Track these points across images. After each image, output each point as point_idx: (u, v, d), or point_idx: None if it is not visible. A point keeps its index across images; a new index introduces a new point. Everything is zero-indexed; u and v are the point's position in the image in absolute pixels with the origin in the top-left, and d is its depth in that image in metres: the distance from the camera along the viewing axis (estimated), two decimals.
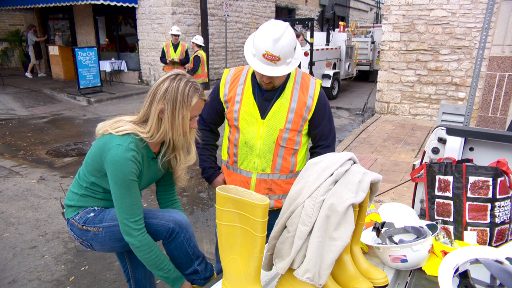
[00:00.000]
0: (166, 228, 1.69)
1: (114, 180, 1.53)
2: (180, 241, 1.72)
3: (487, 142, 1.68)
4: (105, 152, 1.53)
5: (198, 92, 1.58)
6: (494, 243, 1.55)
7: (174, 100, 1.53)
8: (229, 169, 1.99)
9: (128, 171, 1.51)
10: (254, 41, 1.67)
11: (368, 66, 14.79)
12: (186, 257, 1.77)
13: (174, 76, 1.57)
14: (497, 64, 4.60)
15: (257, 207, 1.12)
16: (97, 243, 1.73)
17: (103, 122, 1.65)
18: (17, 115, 8.84)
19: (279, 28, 1.61)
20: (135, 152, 1.53)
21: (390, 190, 4.31)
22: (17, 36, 14.30)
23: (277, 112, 1.80)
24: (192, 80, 1.59)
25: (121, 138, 1.53)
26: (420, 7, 7.88)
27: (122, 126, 1.56)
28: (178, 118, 1.55)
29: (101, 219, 1.70)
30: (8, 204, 4.25)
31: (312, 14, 18.76)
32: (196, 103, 1.57)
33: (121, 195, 1.53)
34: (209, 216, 4.06)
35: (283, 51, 1.62)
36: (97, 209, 1.72)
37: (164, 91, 1.53)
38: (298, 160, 1.91)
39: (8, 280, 2.94)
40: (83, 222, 1.70)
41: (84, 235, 1.72)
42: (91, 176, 1.66)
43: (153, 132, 1.56)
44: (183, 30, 11.33)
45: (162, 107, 1.54)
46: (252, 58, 1.69)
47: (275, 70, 1.66)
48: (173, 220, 1.70)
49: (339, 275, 1.26)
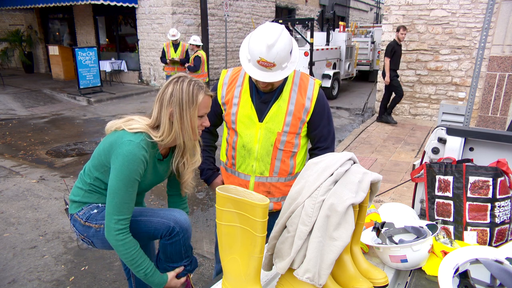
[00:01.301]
0: (167, 227, 1.69)
1: (116, 173, 1.52)
2: (177, 240, 1.72)
3: (487, 142, 1.68)
4: (115, 146, 1.53)
5: (203, 89, 1.58)
6: (494, 243, 1.55)
7: (181, 102, 1.54)
8: (227, 171, 1.99)
9: (134, 168, 1.52)
10: (249, 46, 1.64)
11: (368, 66, 14.79)
12: (178, 255, 1.78)
13: (177, 79, 1.58)
14: (497, 64, 4.60)
15: (257, 207, 1.12)
16: (98, 240, 1.73)
17: (114, 120, 1.66)
18: (17, 115, 8.84)
19: (273, 33, 1.57)
20: (145, 151, 1.54)
21: (390, 190, 4.31)
22: (17, 36, 14.29)
23: (275, 115, 1.79)
24: (194, 79, 1.59)
25: (134, 135, 1.54)
26: (420, 7, 7.88)
27: (135, 124, 1.57)
28: (187, 119, 1.56)
29: (103, 216, 1.69)
30: (8, 204, 4.25)
31: (312, 14, 18.76)
32: (203, 100, 1.58)
33: (117, 189, 1.52)
34: (209, 216, 4.06)
35: (277, 57, 1.59)
36: (101, 205, 1.72)
37: (170, 95, 1.55)
38: (297, 162, 1.89)
39: (8, 280, 2.94)
40: (86, 218, 1.70)
41: (86, 231, 1.72)
42: (95, 170, 1.66)
43: (165, 135, 1.57)
44: (183, 30, 11.34)
45: (171, 110, 1.55)
46: (247, 64, 1.67)
47: (270, 76, 1.65)
48: (174, 220, 1.70)
49: (339, 275, 1.26)
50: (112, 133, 1.60)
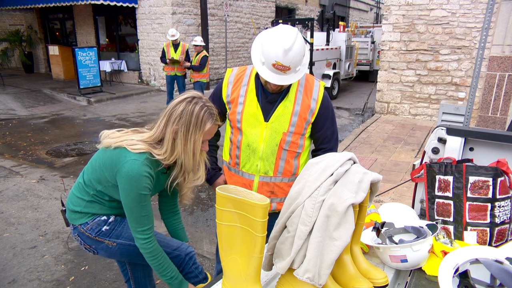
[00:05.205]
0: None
1: (126, 193, 1.54)
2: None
3: (487, 142, 1.68)
4: (119, 165, 1.54)
5: (213, 118, 1.58)
6: (494, 243, 1.55)
7: (188, 123, 1.53)
8: (230, 170, 1.98)
9: (142, 186, 1.53)
10: (263, 48, 1.63)
11: (368, 66, 14.79)
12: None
13: (191, 99, 1.56)
14: (497, 64, 4.60)
15: (257, 207, 1.12)
16: (106, 253, 1.77)
17: (111, 133, 1.65)
18: (17, 115, 8.84)
19: (290, 37, 1.57)
20: (150, 168, 1.55)
21: (390, 190, 4.31)
22: (17, 36, 14.28)
23: (280, 115, 1.79)
24: (208, 104, 1.58)
25: (137, 154, 1.54)
26: (420, 7, 7.88)
27: (137, 145, 1.56)
28: (190, 142, 1.56)
29: (118, 235, 1.73)
30: (8, 204, 4.25)
31: (312, 14, 18.76)
32: (209, 128, 1.58)
33: (132, 207, 1.56)
34: (209, 216, 4.06)
35: (293, 61, 1.59)
36: (111, 220, 1.74)
37: (180, 112, 1.54)
38: (300, 163, 1.90)
39: (8, 280, 2.94)
40: (96, 233, 1.72)
41: (95, 244, 1.75)
42: (98, 184, 1.66)
43: (168, 154, 1.57)
44: (183, 30, 11.34)
45: (176, 128, 1.55)
46: (261, 66, 1.67)
47: (285, 79, 1.65)
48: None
49: (339, 275, 1.26)
50: (114, 149, 1.58)
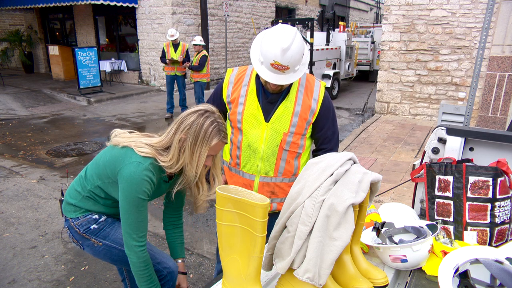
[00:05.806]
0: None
1: (125, 195, 1.54)
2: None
3: (487, 142, 1.68)
4: (122, 165, 1.55)
5: (221, 135, 1.58)
6: (494, 243, 1.55)
7: (197, 135, 1.54)
8: (231, 170, 1.98)
9: (141, 190, 1.53)
10: (262, 48, 1.63)
11: (368, 66, 14.79)
12: None
13: (203, 112, 1.57)
14: (497, 64, 4.60)
15: (257, 207, 1.12)
16: (91, 251, 1.78)
17: (123, 133, 1.67)
18: (17, 115, 8.84)
19: (288, 36, 1.57)
20: (152, 174, 1.55)
21: (390, 190, 4.31)
22: (17, 36, 14.28)
23: (281, 115, 1.79)
24: (219, 121, 1.58)
25: (142, 158, 1.55)
26: (420, 7, 7.88)
27: (144, 148, 1.57)
28: (196, 154, 1.56)
29: (105, 235, 1.74)
30: (8, 204, 4.25)
31: (312, 14, 18.76)
32: (216, 144, 1.58)
33: (129, 211, 1.56)
34: (209, 216, 4.06)
35: (292, 60, 1.59)
36: (101, 220, 1.75)
37: (190, 123, 1.55)
38: (301, 163, 1.90)
39: (8, 280, 2.94)
40: (84, 230, 1.73)
41: (82, 239, 1.76)
42: (98, 179, 1.67)
43: (173, 162, 1.58)
44: (183, 30, 11.34)
45: (184, 138, 1.55)
46: (260, 66, 1.67)
47: (284, 79, 1.65)
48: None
49: (339, 275, 1.26)
50: (121, 148, 1.60)
